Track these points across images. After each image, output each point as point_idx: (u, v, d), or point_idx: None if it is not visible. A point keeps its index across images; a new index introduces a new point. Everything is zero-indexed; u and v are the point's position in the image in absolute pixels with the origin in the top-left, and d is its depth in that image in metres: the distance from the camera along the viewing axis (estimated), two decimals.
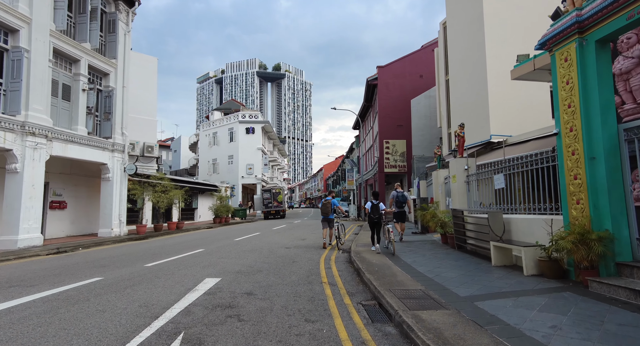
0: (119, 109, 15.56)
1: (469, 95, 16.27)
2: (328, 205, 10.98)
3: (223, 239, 13.68)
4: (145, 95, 25.27)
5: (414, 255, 8.53)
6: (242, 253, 9.81)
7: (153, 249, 11.07)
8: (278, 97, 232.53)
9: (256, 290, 5.74)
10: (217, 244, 12.02)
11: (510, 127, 14.62)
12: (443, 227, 9.94)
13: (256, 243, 12.19)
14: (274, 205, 31.86)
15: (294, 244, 11.79)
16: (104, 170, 15.06)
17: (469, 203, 9.63)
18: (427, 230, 13.06)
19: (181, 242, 13.25)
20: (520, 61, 9.84)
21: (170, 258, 8.98)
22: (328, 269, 7.50)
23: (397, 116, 27.37)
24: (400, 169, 27.15)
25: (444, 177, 12.72)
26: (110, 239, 13.86)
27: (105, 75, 15.20)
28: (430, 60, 27.90)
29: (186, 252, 10.23)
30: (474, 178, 9.40)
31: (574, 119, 5.24)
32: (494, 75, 15.04)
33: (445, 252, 8.77)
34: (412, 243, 10.50)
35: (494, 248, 6.85)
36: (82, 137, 13.50)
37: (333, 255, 9.51)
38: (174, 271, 7.26)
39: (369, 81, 28.01)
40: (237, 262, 8.31)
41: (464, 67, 16.85)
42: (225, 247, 11.11)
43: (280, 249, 10.55)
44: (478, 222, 8.23)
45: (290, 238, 13.83)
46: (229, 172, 40.36)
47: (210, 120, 44.65)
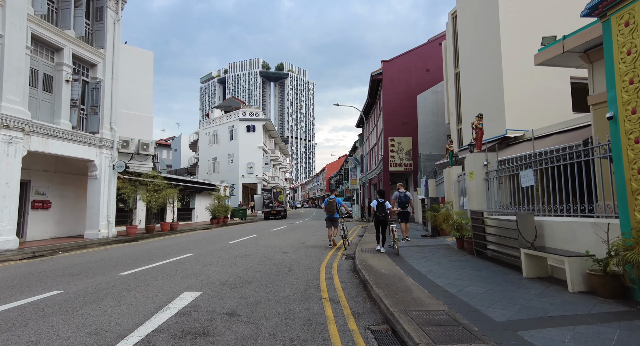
0: (107, 102, 14.59)
1: (482, 88, 15.16)
2: (333, 203, 10.68)
3: (216, 242, 12.67)
4: (140, 90, 24.33)
5: (428, 262, 7.46)
6: (233, 259, 8.78)
7: (137, 253, 10.07)
8: (281, 97, 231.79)
9: (241, 308, 4.70)
10: (208, 248, 11.00)
11: (527, 121, 13.50)
12: (459, 230, 8.87)
13: (251, 247, 11.16)
14: (275, 205, 30.84)
15: (292, 248, 10.75)
16: (91, 167, 14.09)
17: (489, 204, 8.55)
18: (439, 233, 11.98)
19: (171, 244, 12.25)
20: (545, 44, 8.73)
21: (151, 265, 7.97)
22: (329, 280, 6.46)
23: (402, 112, 26.28)
24: (406, 168, 26.05)
25: (457, 175, 11.64)
26: (96, 241, 12.89)
27: (93, 66, 14.24)
28: (437, 54, 26.79)
29: (172, 257, 9.22)
30: (494, 175, 8.32)
31: (638, 98, 4.16)
32: (510, 66, 13.93)
33: (463, 259, 7.70)
34: (424, 249, 9.43)
35: (525, 256, 5.77)
36: (66, 132, 12.53)
37: (335, 261, 8.46)
38: (149, 282, 6.23)
39: (374, 76, 26.94)
40: (225, 271, 7.28)
41: (476, 58, 15.75)
42: (216, 252, 10.09)
43: (277, 254, 9.51)
44: (501, 225, 7.15)
45: (289, 241, 12.79)
46: (229, 171, 39.41)
47: (210, 118, 43.73)
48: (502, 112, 13.75)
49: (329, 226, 10.85)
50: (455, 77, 19.16)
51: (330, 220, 10.79)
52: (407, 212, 11.31)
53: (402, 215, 11.21)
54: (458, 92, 18.72)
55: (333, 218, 10.74)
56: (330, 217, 10.75)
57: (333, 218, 10.74)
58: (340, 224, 10.79)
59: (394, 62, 26.76)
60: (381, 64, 26.78)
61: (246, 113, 40.15)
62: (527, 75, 13.94)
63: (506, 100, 13.76)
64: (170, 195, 17.53)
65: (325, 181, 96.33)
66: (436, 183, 16.01)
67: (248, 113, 40.26)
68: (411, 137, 26.09)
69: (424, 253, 8.67)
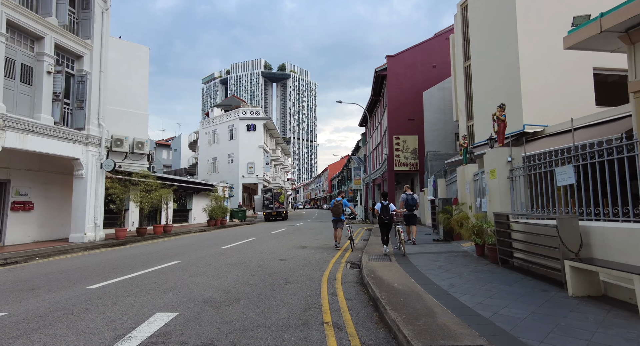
0: (95, 97, 13.64)
1: (496, 81, 14.10)
2: (339, 205, 10.80)
3: (209, 246, 11.68)
4: (135, 87, 23.43)
5: (447, 274, 6.42)
6: (223, 268, 7.78)
7: (120, 260, 9.09)
8: (283, 98, 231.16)
9: (221, 338, 3.71)
10: (199, 254, 10.01)
11: (545, 115, 12.45)
12: (479, 235, 7.83)
13: (246, 252, 10.16)
14: (275, 206, 29.84)
15: (291, 254, 9.74)
16: (77, 165, 13.15)
17: (513, 205, 7.51)
18: (452, 237, 10.94)
19: (160, 249, 11.27)
20: (577, 24, 7.67)
21: (129, 275, 6.98)
22: (332, 296, 5.44)
23: (408, 110, 25.22)
24: (412, 167, 24.99)
25: (473, 174, 10.60)
26: (80, 246, 11.93)
27: (78, 57, 13.30)
28: (444, 49, 25.73)
29: (156, 264, 8.23)
30: (520, 173, 7.28)
31: None
32: (527, 56, 12.88)
33: (487, 270, 6.66)
34: (439, 256, 8.38)
35: (571, 270, 4.74)
36: (47, 127, 11.59)
37: (339, 270, 7.45)
38: (118, 299, 5.24)
39: (378, 72, 25.91)
40: (211, 283, 6.28)
41: (489, 48, 14.70)
42: (207, 258, 9.09)
43: (274, 262, 8.50)
44: (532, 230, 6.12)
45: (288, 245, 11.78)
46: (229, 171, 38.46)
47: (210, 117, 42.83)
48: (519, 105, 12.69)
49: (336, 228, 11.00)
50: (465, 71, 18.11)
51: (337, 222, 10.95)
52: (414, 215, 11.03)
53: (409, 218, 10.93)
54: (468, 87, 17.67)
55: (339, 220, 10.91)
56: (336, 218, 10.92)
57: (339, 220, 10.91)
58: (347, 226, 10.91)
59: (399, 58, 25.72)
60: (385, 59, 25.75)
61: (246, 112, 39.20)
62: (545, 66, 12.90)
63: (523, 93, 12.71)
64: (164, 196, 16.57)
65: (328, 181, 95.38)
66: (446, 183, 14.96)
67: (248, 112, 39.32)
68: (417, 135, 25.01)
69: (440, 262, 7.63)
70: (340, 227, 10.96)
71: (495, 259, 7.15)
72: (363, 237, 14.42)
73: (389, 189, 24.86)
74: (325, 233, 16.15)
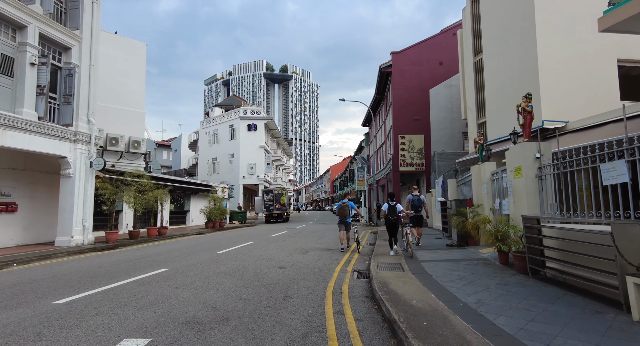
0: (84, 91, 12.85)
1: (512, 75, 13.22)
2: (346, 208, 10.73)
3: (203, 251, 10.82)
4: (131, 84, 22.68)
5: (471, 287, 5.53)
6: (215, 277, 6.92)
7: (103, 267, 8.24)
8: (285, 99, 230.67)
9: None
10: (190, 260, 9.15)
11: (565, 110, 11.58)
12: (503, 240, 6.93)
13: (242, 259, 9.29)
14: (276, 208, 28.98)
15: (291, 261, 8.86)
16: (64, 164, 12.35)
17: (542, 207, 6.62)
18: (467, 242, 10.04)
19: (150, 254, 10.42)
20: (615, 3, 6.81)
21: (106, 286, 6.13)
22: (339, 316, 4.57)
23: (413, 108, 24.34)
24: (418, 167, 24.09)
25: (490, 173, 9.71)
26: (65, 250, 11.11)
27: (66, 49, 12.51)
28: (451, 46, 24.87)
29: (141, 273, 7.38)
30: (550, 171, 6.39)
31: None
32: (546, 47, 12.00)
33: (517, 282, 5.76)
34: (458, 264, 7.48)
35: (637, 289, 3.84)
36: (30, 123, 10.79)
37: (346, 281, 6.57)
38: (83, 319, 4.39)
39: (382, 69, 25.04)
40: (198, 297, 5.42)
41: (503, 40, 13.81)
42: (198, 266, 8.23)
43: (272, 270, 7.63)
44: (573, 236, 5.24)
45: (289, 250, 10.91)
46: (230, 171, 37.64)
47: (210, 117, 42.05)
48: (537, 100, 11.79)
49: (342, 230, 10.85)
50: (475, 67, 17.23)
51: (343, 224, 10.88)
52: (420, 216, 10.92)
53: (415, 219, 10.81)
54: (479, 83, 16.78)
55: (345, 222, 10.84)
56: (342, 220, 10.85)
57: (345, 222, 10.84)
58: (353, 227, 10.99)
59: (404, 54, 24.85)
60: (390, 56, 24.88)
61: (247, 111, 38.40)
62: (566, 58, 12.02)
63: (542, 86, 11.82)
64: (159, 197, 15.74)
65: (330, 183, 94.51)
66: (458, 183, 14.07)
67: (249, 111, 38.51)
68: (423, 134, 24.12)
69: (460, 271, 6.74)
70: (347, 229, 10.94)
71: (524, 269, 6.26)
72: (369, 241, 13.53)
73: (394, 190, 23.96)
74: (329, 236, 15.28)
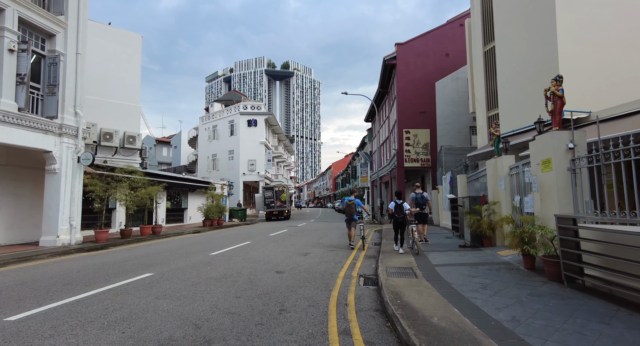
0: (70, 82, 12.06)
1: (528, 62, 12.33)
2: (352, 205, 10.61)
3: (196, 252, 10.03)
4: (126, 77, 21.87)
5: (499, 299, 4.71)
6: (203, 284, 6.13)
7: (83, 271, 7.47)
8: (287, 96, 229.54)
9: None
10: (180, 262, 8.36)
11: (587, 99, 10.72)
12: (529, 243, 6.10)
13: (237, 261, 8.50)
14: (277, 205, 28.20)
15: (290, 264, 8.07)
16: (49, 159, 11.58)
17: (577, 205, 5.78)
18: (482, 243, 9.21)
19: (139, 255, 9.65)
20: None
21: (76, 297, 5.36)
22: (345, 336, 3.76)
23: (419, 102, 23.44)
24: (423, 163, 23.22)
25: (509, 167, 8.86)
26: (49, 251, 10.36)
27: (50, 36, 11.70)
28: (458, 37, 23.95)
29: (122, 278, 6.60)
30: (586, 163, 5.55)
31: None
32: (566, 32, 11.11)
33: (552, 292, 4.94)
34: (477, 269, 6.66)
35: None
36: (9, 114, 10.00)
37: (351, 289, 5.77)
38: (31, 344, 3.60)
39: (387, 61, 24.12)
40: (179, 311, 4.63)
41: (519, 26, 12.90)
42: (187, 270, 7.44)
43: (268, 275, 6.84)
44: (621, 240, 4.42)
45: (288, 251, 10.11)
46: (230, 168, 36.87)
47: (209, 113, 41.22)
48: None
49: (349, 227, 10.83)
50: (485, 56, 16.32)
51: (349, 222, 10.81)
52: (425, 214, 10.97)
53: (419, 216, 10.79)
54: (490, 73, 15.89)
55: (352, 219, 10.75)
56: (349, 218, 10.78)
57: (352, 219, 10.75)
58: (359, 224, 10.88)
59: (409, 45, 23.90)
60: (395, 47, 23.95)
61: (247, 106, 37.54)
62: (587, 43, 11.14)
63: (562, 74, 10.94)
64: (154, 194, 14.95)
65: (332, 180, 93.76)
66: (468, 179, 13.22)
67: (249, 106, 37.66)
68: (429, 128, 23.23)
69: (481, 278, 5.92)
70: (354, 226, 10.84)
71: (556, 276, 5.43)
72: (374, 240, 12.72)
73: (399, 187, 23.13)
74: (331, 235, 14.48)
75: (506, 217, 7.21)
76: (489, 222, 8.84)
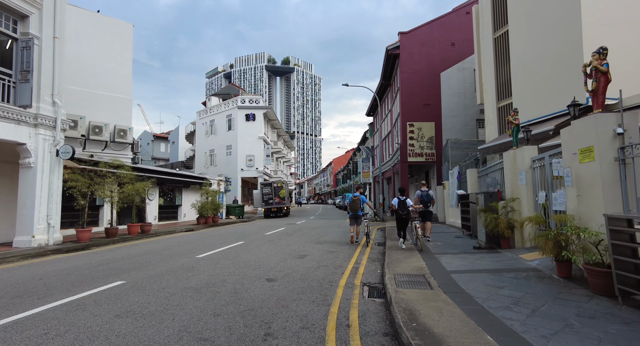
0: (47, 68, 11.06)
1: (547, 45, 11.28)
2: (357, 201, 10.51)
3: (181, 255, 9.08)
4: (117, 68, 20.87)
5: (542, 322, 3.74)
6: (179, 295, 5.17)
7: (46, 278, 6.53)
8: (287, 92, 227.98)
9: None
10: (160, 267, 7.41)
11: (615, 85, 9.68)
12: (566, 247, 5.12)
13: (224, 266, 7.54)
14: (276, 202, 27.24)
15: (284, 269, 7.12)
16: (23, 152, 10.62)
17: (627, 203, 4.80)
18: (498, 243, 8.24)
19: (118, 258, 8.71)
20: None
21: (19, 315, 4.41)
22: None
23: (423, 93, 22.38)
24: (428, 158, 22.21)
25: (531, 159, 7.85)
26: (21, 253, 9.42)
27: (23, 17, 10.69)
28: (464, 25, 22.82)
29: (87, 288, 5.65)
30: (639, 152, 4.56)
31: None
32: (591, 11, 10.07)
33: (608, 312, 3.97)
34: (501, 278, 5.67)
35: None
36: None
37: (354, 303, 4.81)
38: None
39: (389, 50, 23.02)
40: (138, 336, 3.67)
41: (535, 7, 11.84)
42: (165, 276, 6.49)
43: (256, 284, 5.88)
44: None
45: (284, 253, 9.16)
46: (227, 164, 35.90)
47: (207, 107, 40.19)
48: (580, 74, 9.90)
49: (352, 224, 10.78)
50: (496, 43, 15.26)
51: (354, 218, 10.71)
52: (429, 211, 10.88)
53: (424, 214, 10.73)
54: (501, 60, 14.84)
55: (357, 215, 10.62)
56: (354, 214, 10.64)
57: (357, 215, 10.62)
58: (364, 221, 10.72)
59: (413, 34, 22.80)
60: (398, 36, 22.84)
61: (245, 100, 36.48)
62: (615, 23, 10.10)
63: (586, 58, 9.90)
64: (141, 190, 13.98)
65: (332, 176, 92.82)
66: (479, 173, 12.23)
67: (247, 100, 36.59)
68: (434, 121, 22.20)
69: (509, 289, 4.95)
70: (358, 223, 10.80)
71: (605, 289, 4.46)
72: (377, 240, 11.77)
73: (402, 183, 22.15)
74: (331, 234, 13.53)
75: (535, 217, 6.22)
76: (507, 221, 7.86)
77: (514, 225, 8.02)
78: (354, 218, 10.70)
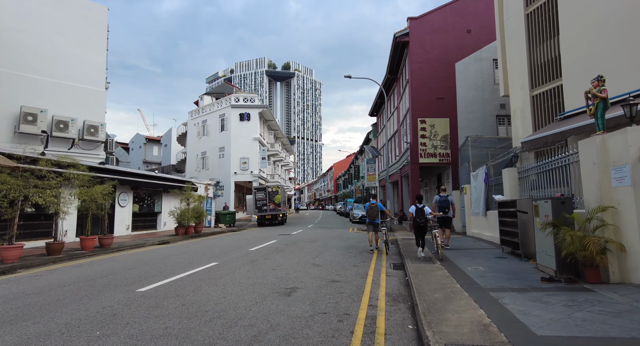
0: None
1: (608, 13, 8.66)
2: (375, 208, 10.50)
3: (118, 286, 6.37)
4: (87, 55, 18.37)
5: None
6: None
7: None
8: (287, 97, 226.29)
9: None
10: (64, 315, 4.70)
11: None
12: None
13: (162, 313, 4.83)
14: (270, 208, 24.53)
15: (255, 324, 4.42)
16: None
17: None
18: (578, 274, 5.54)
19: (22, 293, 6.02)
20: None
21: None
22: None
23: (436, 86, 19.80)
24: (442, 158, 19.56)
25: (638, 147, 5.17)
26: None
27: None
28: (481, 10, 20.37)
29: None
30: None
31: None
32: None
33: None
34: None
35: None
36: None
37: None
38: None
39: (397, 38, 20.47)
40: None
41: None
42: (54, 338, 3.79)
43: None
44: None
45: (263, 286, 6.45)
46: (220, 167, 33.27)
47: (199, 107, 37.68)
48: None
49: (370, 231, 10.67)
50: (528, 19, 12.71)
51: (372, 225, 10.64)
52: (448, 218, 10.44)
53: (443, 221, 10.34)
54: (538, 39, 12.27)
55: (374, 223, 10.59)
56: (371, 221, 10.60)
57: (374, 223, 10.59)
58: (383, 229, 10.51)
59: (424, 20, 20.28)
60: (407, 22, 20.33)
61: (239, 99, 33.95)
62: None
63: None
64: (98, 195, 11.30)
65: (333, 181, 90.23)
66: (520, 174, 9.57)
67: (241, 99, 34.07)
68: (448, 117, 19.59)
69: None
70: (376, 230, 10.67)
71: None
72: (391, 261, 9.08)
73: (413, 186, 19.47)
74: (332, 250, 10.85)
75: None
76: (599, 242, 5.18)
77: (605, 247, 5.34)
78: (371, 225, 10.66)
